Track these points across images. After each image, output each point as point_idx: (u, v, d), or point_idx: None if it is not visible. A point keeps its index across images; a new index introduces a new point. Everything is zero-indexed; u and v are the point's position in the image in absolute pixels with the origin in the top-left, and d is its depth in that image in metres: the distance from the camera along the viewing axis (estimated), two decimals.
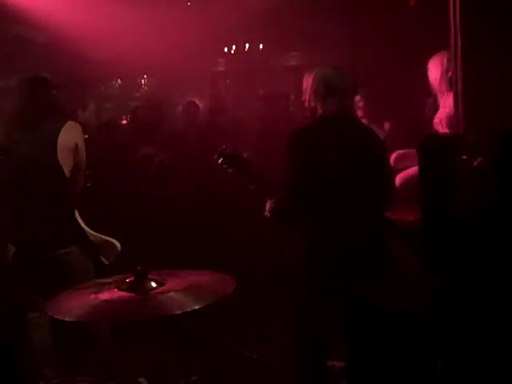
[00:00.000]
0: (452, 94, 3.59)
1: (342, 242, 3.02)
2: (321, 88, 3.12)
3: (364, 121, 4.80)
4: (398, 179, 4.21)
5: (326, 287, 3.07)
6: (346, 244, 3.02)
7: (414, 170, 4.09)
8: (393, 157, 4.39)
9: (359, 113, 4.90)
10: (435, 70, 3.94)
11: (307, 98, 3.17)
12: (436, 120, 4.28)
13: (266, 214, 3.21)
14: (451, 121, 4.03)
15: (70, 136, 3.49)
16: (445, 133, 3.95)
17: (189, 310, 2.12)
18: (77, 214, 3.61)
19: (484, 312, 2.35)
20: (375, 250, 3.08)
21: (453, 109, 4.00)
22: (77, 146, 3.51)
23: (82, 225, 3.62)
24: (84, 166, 3.63)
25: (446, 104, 4.06)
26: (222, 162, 3.26)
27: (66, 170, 3.48)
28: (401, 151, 4.33)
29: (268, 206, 3.21)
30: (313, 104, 3.15)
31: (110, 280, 2.40)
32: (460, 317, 2.39)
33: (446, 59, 3.62)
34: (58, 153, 3.42)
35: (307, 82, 3.19)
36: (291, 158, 3.06)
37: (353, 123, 3.21)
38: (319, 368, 3.25)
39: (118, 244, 3.68)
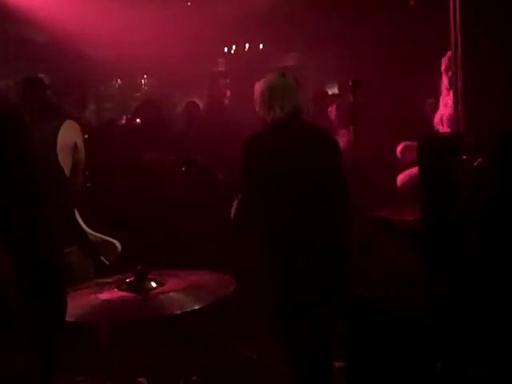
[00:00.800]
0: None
1: (297, 244, 3.11)
2: (266, 96, 3.19)
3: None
4: (399, 180, 4.22)
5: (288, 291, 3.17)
6: (300, 244, 3.11)
7: (414, 170, 4.10)
8: (399, 149, 4.38)
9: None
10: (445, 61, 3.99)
11: (257, 106, 3.25)
12: (436, 119, 4.29)
13: (231, 216, 3.34)
14: (453, 120, 4.05)
15: (69, 135, 3.48)
16: (445, 132, 3.96)
17: (189, 310, 2.12)
18: (77, 213, 3.61)
19: (484, 312, 2.35)
20: (334, 251, 3.17)
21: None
22: (76, 144, 3.50)
23: (82, 225, 3.62)
24: (83, 165, 3.62)
25: (449, 103, 4.08)
26: (185, 168, 3.46)
27: (66, 170, 3.48)
28: (407, 143, 4.32)
29: (232, 208, 3.35)
30: (262, 112, 3.23)
31: (110, 280, 2.40)
32: (460, 317, 2.39)
33: None
34: (57, 152, 3.41)
35: (256, 92, 3.26)
36: (243, 167, 3.18)
37: (301, 126, 3.27)
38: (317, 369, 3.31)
39: (118, 244, 3.68)
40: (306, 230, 3.12)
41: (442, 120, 4.17)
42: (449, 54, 4.08)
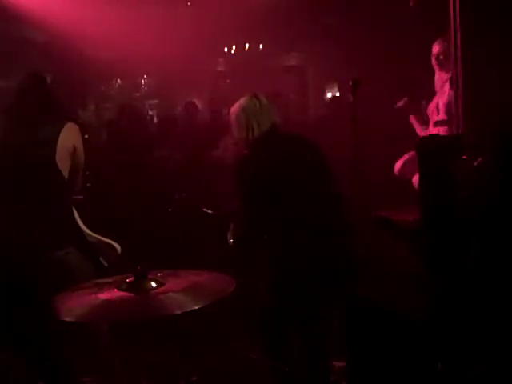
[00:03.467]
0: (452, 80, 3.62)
1: (296, 253, 3.16)
2: (242, 117, 3.32)
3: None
4: (396, 168, 4.21)
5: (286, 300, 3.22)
6: (299, 252, 3.17)
7: (407, 155, 4.12)
8: (398, 166, 4.34)
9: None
10: (439, 46, 4.03)
11: (235, 131, 3.37)
12: (431, 106, 4.29)
13: (230, 243, 3.45)
14: (450, 107, 4.07)
15: (68, 138, 3.48)
16: (443, 120, 3.98)
17: (189, 310, 2.12)
18: (76, 215, 3.61)
19: (484, 312, 2.35)
20: (332, 255, 3.22)
21: (451, 95, 4.06)
22: (75, 147, 3.51)
23: (81, 226, 3.62)
24: (82, 167, 3.62)
25: (445, 89, 4.09)
26: (172, 209, 3.55)
27: (65, 172, 3.48)
28: (405, 156, 4.30)
29: (227, 236, 3.47)
30: (241, 134, 3.33)
31: (110, 280, 2.40)
32: (460, 317, 2.39)
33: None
34: (57, 154, 3.42)
35: (232, 117, 3.38)
36: (236, 190, 3.26)
37: (282, 139, 3.36)
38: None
39: (117, 246, 3.67)
40: (303, 237, 3.18)
41: (437, 107, 4.18)
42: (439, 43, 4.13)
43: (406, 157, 4.29)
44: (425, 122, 4.38)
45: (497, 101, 2.65)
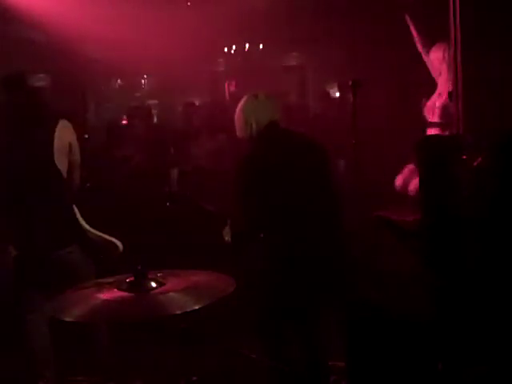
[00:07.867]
0: (450, 83, 3.62)
1: (293, 251, 3.16)
2: (241, 116, 3.35)
3: None
4: (397, 181, 4.20)
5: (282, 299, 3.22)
6: (296, 250, 3.16)
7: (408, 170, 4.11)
8: (399, 181, 4.31)
9: None
10: (437, 52, 4.02)
11: (237, 131, 3.40)
12: (429, 104, 4.28)
13: (226, 240, 3.44)
14: (446, 110, 4.07)
15: (64, 136, 3.49)
16: (438, 122, 3.98)
17: (189, 310, 2.12)
18: (78, 213, 3.61)
19: (484, 311, 2.35)
20: (327, 256, 3.21)
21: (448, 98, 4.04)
22: (71, 145, 3.51)
23: (83, 224, 3.62)
24: (79, 164, 3.62)
25: (444, 91, 4.09)
26: (169, 204, 3.59)
27: (63, 171, 3.48)
28: (405, 171, 4.27)
29: (223, 233, 3.45)
30: (241, 132, 3.37)
31: (110, 280, 2.40)
32: (460, 316, 2.39)
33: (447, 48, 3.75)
34: (55, 154, 3.42)
35: (235, 118, 3.40)
36: (238, 188, 3.27)
37: (282, 137, 3.37)
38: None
39: (119, 244, 3.67)
40: (300, 236, 3.17)
41: (433, 109, 4.18)
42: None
43: (405, 172, 4.29)
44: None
45: (496, 101, 2.66)
